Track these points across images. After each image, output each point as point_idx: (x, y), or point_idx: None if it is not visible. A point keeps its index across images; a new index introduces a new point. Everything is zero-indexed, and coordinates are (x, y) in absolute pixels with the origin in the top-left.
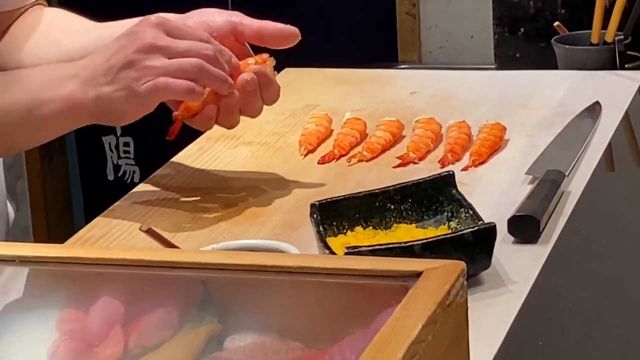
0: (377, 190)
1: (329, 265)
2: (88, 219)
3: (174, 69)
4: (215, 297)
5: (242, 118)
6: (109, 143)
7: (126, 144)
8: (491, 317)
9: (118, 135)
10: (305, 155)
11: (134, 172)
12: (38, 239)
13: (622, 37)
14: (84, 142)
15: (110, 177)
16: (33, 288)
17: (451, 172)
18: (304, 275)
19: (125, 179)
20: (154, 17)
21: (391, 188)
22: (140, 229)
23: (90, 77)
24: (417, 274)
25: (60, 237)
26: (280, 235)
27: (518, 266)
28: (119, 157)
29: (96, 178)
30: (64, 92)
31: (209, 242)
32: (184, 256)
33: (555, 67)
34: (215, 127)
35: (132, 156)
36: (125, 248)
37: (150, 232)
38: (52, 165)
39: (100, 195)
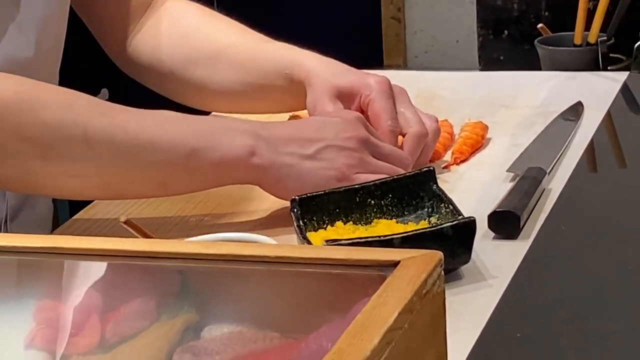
0: (357, 186)
1: (306, 255)
2: (73, 212)
3: (384, 172)
4: (192, 287)
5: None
6: None
7: None
8: (470, 310)
9: None
10: None
11: None
12: None
13: (605, 38)
14: None
15: None
16: (11, 277)
17: (432, 168)
18: (281, 265)
19: None
20: (362, 133)
21: (371, 183)
22: (119, 220)
23: (277, 143)
24: (395, 264)
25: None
26: (261, 230)
27: (498, 261)
28: None
29: None
30: (235, 142)
31: (194, 234)
32: (161, 246)
33: (539, 70)
34: None
35: None
36: (103, 238)
37: (128, 223)
38: None
39: None
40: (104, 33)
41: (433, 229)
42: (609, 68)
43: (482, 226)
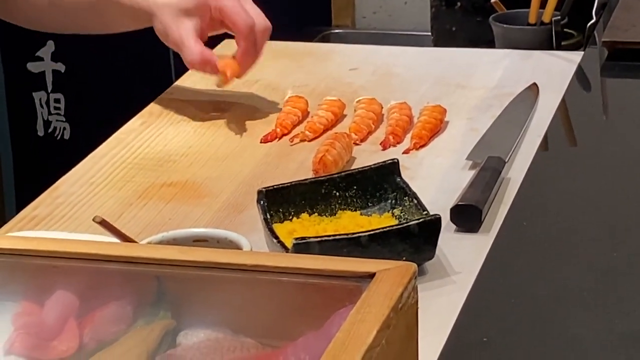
0: (322, 178)
1: (283, 264)
2: (17, 174)
3: None
4: (169, 292)
5: (181, 92)
6: (40, 99)
7: (57, 100)
8: (436, 309)
9: (49, 91)
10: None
11: (64, 128)
12: None
13: (559, 17)
14: (14, 97)
15: (40, 133)
16: None
17: (396, 160)
18: (257, 273)
19: (56, 135)
20: None
21: (336, 175)
22: (93, 219)
23: None
24: (370, 275)
25: None
26: (225, 218)
27: (460, 256)
28: (50, 114)
29: (26, 134)
30: None
31: (155, 224)
32: (139, 251)
33: (492, 42)
34: (157, 101)
35: (62, 113)
36: (80, 241)
37: (103, 223)
38: None
39: (30, 150)
40: None
41: (399, 226)
42: (562, 44)
43: (443, 218)
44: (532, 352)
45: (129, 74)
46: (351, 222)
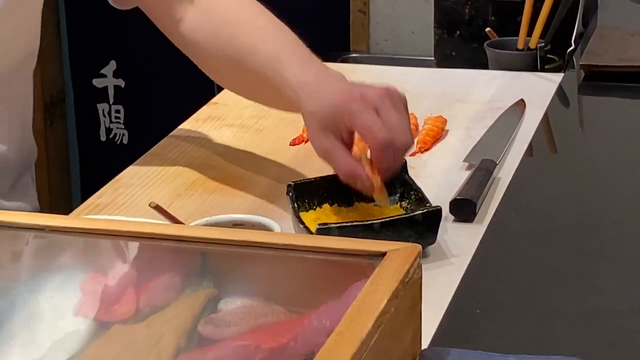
0: None
1: (309, 243)
2: (83, 174)
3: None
4: (211, 266)
5: (223, 101)
6: (103, 110)
7: (117, 111)
8: (436, 286)
9: (111, 103)
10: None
11: (123, 134)
12: (39, 189)
13: (543, 44)
14: (81, 108)
15: (103, 138)
16: (61, 253)
17: (404, 161)
18: (287, 251)
19: (116, 140)
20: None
21: None
22: (149, 205)
23: None
24: (382, 254)
25: (58, 187)
26: (259, 208)
27: (457, 242)
28: (111, 122)
29: (91, 139)
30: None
31: (200, 212)
32: (187, 231)
33: (486, 65)
34: (202, 109)
35: (122, 121)
36: (138, 223)
37: (157, 208)
38: (54, 126)
39: (94, 153)
40: (157, 12)
41: (407, 216)
42: (545, 67)
43: (443, 210)
44: (517, 323)
45: (178, 88)
46: (365, 212)
